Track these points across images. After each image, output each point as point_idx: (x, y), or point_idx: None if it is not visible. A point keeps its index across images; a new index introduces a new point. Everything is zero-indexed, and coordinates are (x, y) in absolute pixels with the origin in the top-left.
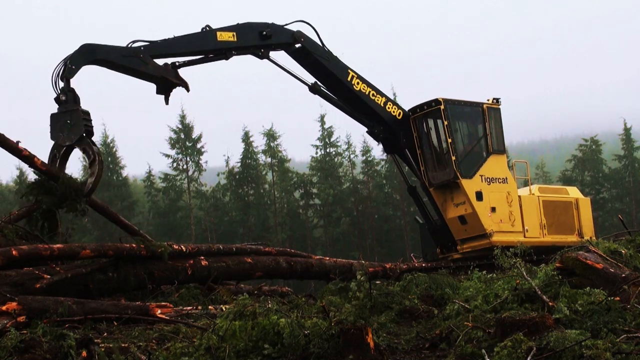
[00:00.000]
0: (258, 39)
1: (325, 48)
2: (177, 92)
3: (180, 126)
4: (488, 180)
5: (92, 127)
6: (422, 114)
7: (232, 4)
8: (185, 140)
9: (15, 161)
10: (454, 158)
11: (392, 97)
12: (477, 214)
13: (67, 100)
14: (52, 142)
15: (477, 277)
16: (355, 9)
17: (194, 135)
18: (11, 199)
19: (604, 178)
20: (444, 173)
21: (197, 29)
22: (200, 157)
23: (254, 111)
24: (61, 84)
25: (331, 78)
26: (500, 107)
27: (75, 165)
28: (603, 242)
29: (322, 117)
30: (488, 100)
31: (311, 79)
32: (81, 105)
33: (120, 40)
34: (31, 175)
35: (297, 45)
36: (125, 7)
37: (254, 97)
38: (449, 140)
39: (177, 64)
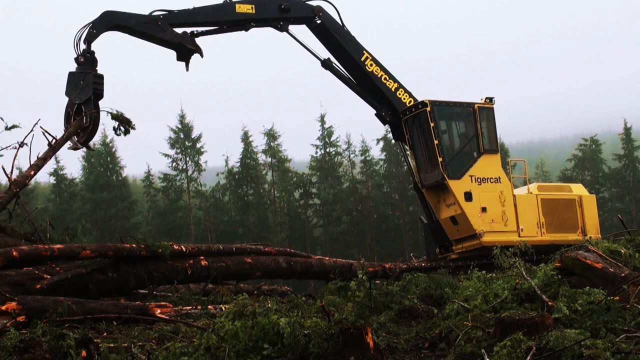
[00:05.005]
0: (277, 12)
1: (345, 27)
2: (177, 93)
3: (179, 126)
4: (479, 180)
5: (102, 90)
6: (411, 116)
7: None
8: (184, 140)
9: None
10: (440, 159)
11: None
12: (466, 215)
13: (85, 62)
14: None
15: (477, 276)
16: (355, 10)
17: (194, 135)
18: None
19: (604, 177)
20: (433, 174)
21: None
22: (200, 157)
23: (254, 111)
24: (82, 47)
25: (345, 55)
26: (493, 106)
27: (75, 165)
28: (602, 242)
29: (322, 117)
30: (481, 99)
31: (324, 55)
32: (97, 69)
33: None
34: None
35: (318, 21)
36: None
37: (253, 97)
38: (436, 142)
39: (195, 32)
